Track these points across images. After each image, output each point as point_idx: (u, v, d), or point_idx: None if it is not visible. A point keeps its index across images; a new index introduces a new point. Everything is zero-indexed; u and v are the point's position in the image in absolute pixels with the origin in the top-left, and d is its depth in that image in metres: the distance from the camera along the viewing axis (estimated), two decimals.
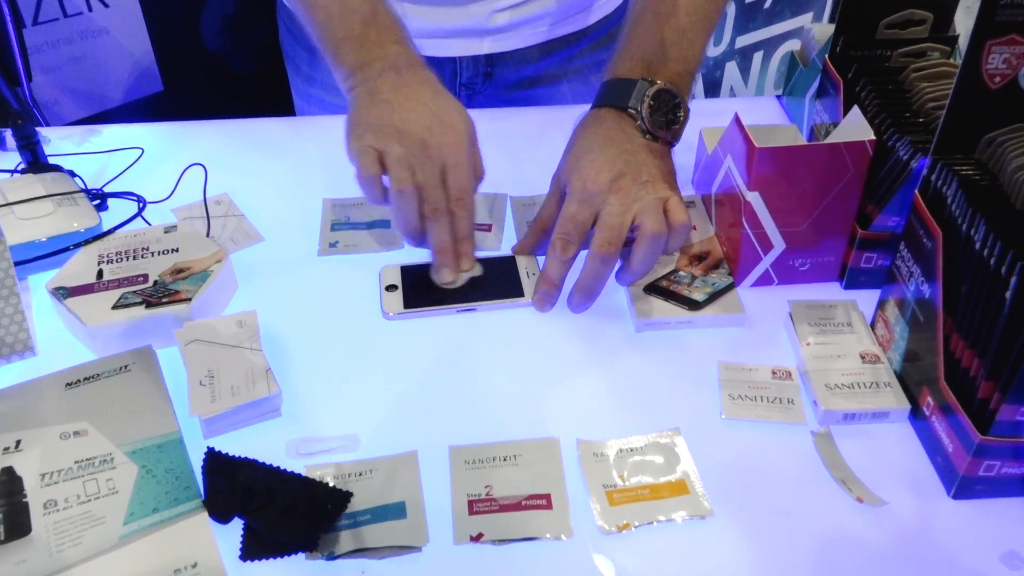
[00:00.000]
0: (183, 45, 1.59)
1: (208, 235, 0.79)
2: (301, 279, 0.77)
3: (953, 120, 0.60)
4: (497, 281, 0.75)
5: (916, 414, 0.63)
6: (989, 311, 0.54)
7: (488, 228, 0.82)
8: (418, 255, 0.80)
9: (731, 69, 1.88)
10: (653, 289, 0.74)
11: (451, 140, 0.71)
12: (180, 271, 0.72)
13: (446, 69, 0.98)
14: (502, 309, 0.74)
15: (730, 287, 0.74)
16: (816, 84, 0.86)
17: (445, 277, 0.73)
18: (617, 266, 0.72)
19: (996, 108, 0.59)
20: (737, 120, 0.72)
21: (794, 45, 1.86)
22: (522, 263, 0.77)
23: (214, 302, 0.72)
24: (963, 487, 0.58)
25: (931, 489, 0.60)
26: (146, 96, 1.57)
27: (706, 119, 0.85)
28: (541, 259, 0.77)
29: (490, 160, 0.75)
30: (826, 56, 0.82)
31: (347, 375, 0.68)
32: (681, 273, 0.75)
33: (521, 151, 0.92)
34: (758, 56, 1.90)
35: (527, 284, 0.75)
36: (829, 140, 0.74)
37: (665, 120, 0.73)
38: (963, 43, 0.79)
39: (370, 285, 0.76)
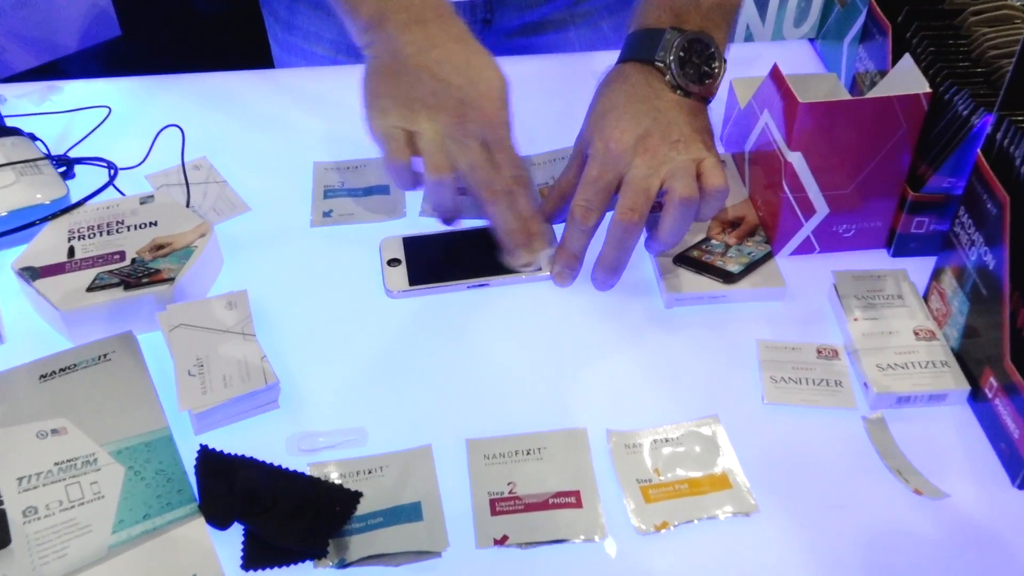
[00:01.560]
0: None
1: (188, 205, 0.77)
2: (293, 253, 0.75)
3: (1023, 72, 0.58)
4: None
5: (976, 396, 0.63)
6: None
7: None
8: (421, 224, 0.78)
9: (748, 6, 1.85)
10: (683, 260, 0.72)
11: (490, 111, 0.67)
12: (160, 247, 0.70)
13: None
14: (517, 284, 0.72)
15: (768, 256, 0.73)
16: (857, 27, 0.84)
17: (522, 259, 0.71)
18: (645, 236, 0.71)
19: None
20: (776, 72, 0.70)
21: None
22: None
23: (199, 281, 0.70)
24: None
25: (993, 478, 0.59)
26: (103, 42, 1.53)
27: (736, 68, 0.82)
28: (558, 228, 0.75)
29: None
30: None
31: (350, 361, 0.67)
32: (713, 242, 0.74)
33: (527, 105, 0.89)
34: None
35: (544, 255, 0.73)
36: (877, 92, 0.72)
37: (698, 73, 0.71)
38: None
39: (370, 259, 0.74)
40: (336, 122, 0.88)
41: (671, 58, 0.70)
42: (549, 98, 0.90)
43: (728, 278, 0.71)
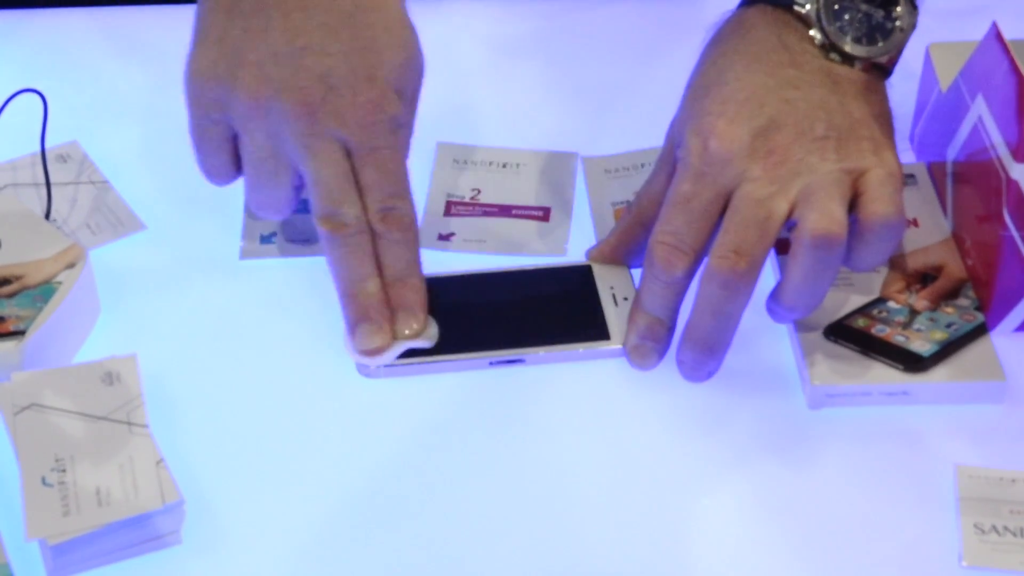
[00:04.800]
0: None
1: (49, 217, 0.81)
2: (213, 300, 0.79)
3: None
4: (561, 311, 0.77)
5: None
6: None
7: (544, 215, 0.84)
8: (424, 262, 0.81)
9: None
10: (840, 333, 0.75)
11: (368, 99, 0.67)
12: (4, 282, 0.74)
13: None
14: (571, 362, 0.75)
15: (979, 332, 0.75)
16: None
17: (366, 343, 0.71)
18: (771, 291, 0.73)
19: None
20: (997, 34, 0.73)
21: None
22: (605, 279, 0.79)
23: (64, 338, 0.74)
24: None
25: None
26: None
27: (935, 26, 0.84)
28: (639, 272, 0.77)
29: (548, 95, 0.74)
30: None
31: (297, 475, 0.70)
32: (891, 305, 0.77)
33: (603, 76, 0.93)
34: None
35: (615, 317, 0.76)
36: None
37: (866, 26, 0.74)
38: None
39: (334, 312, 0.76)
40: None
41: (819, 1, 0.73)
42: (642, 66, 0.93)
43: (913, 364, 0.73)
